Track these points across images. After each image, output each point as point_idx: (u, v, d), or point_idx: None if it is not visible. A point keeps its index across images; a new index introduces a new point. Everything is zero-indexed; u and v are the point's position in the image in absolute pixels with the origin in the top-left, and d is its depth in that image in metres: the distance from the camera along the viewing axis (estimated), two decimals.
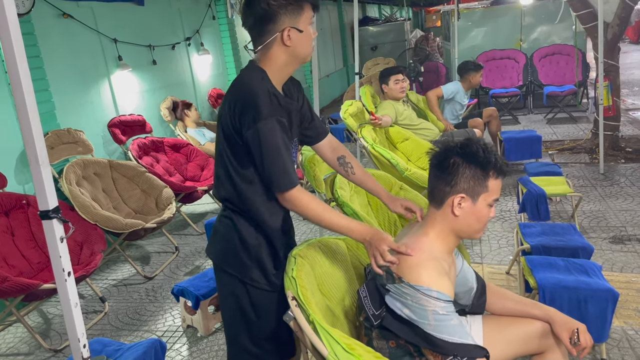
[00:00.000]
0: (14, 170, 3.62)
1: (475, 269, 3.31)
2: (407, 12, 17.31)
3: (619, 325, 2.61)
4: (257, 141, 1.53)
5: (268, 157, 1.54)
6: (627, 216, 3.89)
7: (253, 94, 1.55)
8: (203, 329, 2.92)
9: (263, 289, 1.70)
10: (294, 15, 1.58)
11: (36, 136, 1.45)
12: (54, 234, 1.53)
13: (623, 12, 5.01)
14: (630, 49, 14.96)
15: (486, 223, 1.59)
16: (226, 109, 1.60)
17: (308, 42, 1.63)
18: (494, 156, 1.53)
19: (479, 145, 1.54)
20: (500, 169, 1.54)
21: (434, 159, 1.61)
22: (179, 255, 4.14)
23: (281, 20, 1.57)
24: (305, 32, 1.61)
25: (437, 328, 1.43)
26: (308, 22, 1.61)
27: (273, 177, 1.57)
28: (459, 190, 1.53)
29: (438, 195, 1.57)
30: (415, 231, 1.66)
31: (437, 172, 1.58)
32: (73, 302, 1.60)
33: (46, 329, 3.24)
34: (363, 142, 3.83)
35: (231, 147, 1.62)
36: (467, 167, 1.52)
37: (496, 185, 1.55)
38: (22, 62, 1.39)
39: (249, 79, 1.60)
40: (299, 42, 1.61)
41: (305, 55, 1.65)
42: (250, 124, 1.52)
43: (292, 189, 1.59)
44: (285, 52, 1.62)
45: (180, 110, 5.44)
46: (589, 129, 6.18)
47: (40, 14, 3.91)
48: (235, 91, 1.61)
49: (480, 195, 1.53)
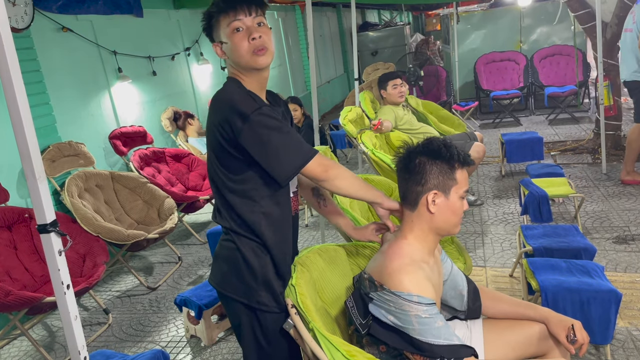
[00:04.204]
0: (16, 184, 3.64)
1: (478, 272, 3.32)
2: (407, 16, 17.34)
3: (623, 326, 2.59)
4: (256, 136, 1.47)
5: (272, 143, 1.48)
6: (631, 216, 3.87)
7: (234, 99, 1.52)
8: (206, 339, 2.92)
9: (273, 312, 1.63)
10: (216, 29, 1.58)
11: (32, 150, 1.45)
12: (52, 247, 1.53)
13: (621, 12, 5.00)
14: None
15: (461, 216, 1.61)
16: (213, 128, 1.54)
17: (234, 49, 1.54)
18: (455, 149, 1.57)
19: (439, 142, 1.58)
20: (464, 159, 1.57)
21: (399, 164, 1.63)
22: (182, 265, 4.14)
23: (213, 36, 1.60)
24: (228, 39, 1.54)
25: (422, 332, 1.43)
26: (228, 31, 1.54)
27: (289, 157, 1.50)
28: (431, 187, 1.55)
29: (411, 196, 1.59)
30: (393, 236, 1.67)
31: (405, 175, 1.60)
32: (73, 314, 1.59)
33: (50, 342, 3.24)
34: (363, 147, 3.83)
35: (225, 164, 1.57)
36: (433, 163, 1.55)
37: (463, 177, 1.58)
38: (16, 75, 1.39)
39: (225, 91, 1.58)
40: (228, 51, 1.57)
41: (243, 62, 1.55)
42: (241, 125, 1.47)
43: (315, 155, 1.53)
44: (230, 64, 1.62)
45: (183, 120, 5.46)
46: (590, 129, 6.17)
47: (40, 28, 3.94)
48: (216, 106, 1.57)
49: (452, 188, 1.56)
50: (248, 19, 1.52)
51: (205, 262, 4.13)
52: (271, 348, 1.67)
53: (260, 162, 1.51)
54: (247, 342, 1.69)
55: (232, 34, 1.53)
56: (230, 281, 1.64)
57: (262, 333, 1.66)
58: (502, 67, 8.14)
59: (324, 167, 1.55)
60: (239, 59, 1.55)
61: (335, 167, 1.58)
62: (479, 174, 5.39)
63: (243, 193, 1.58)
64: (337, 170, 1.58)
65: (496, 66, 8.16)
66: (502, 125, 7.45)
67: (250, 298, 1.62)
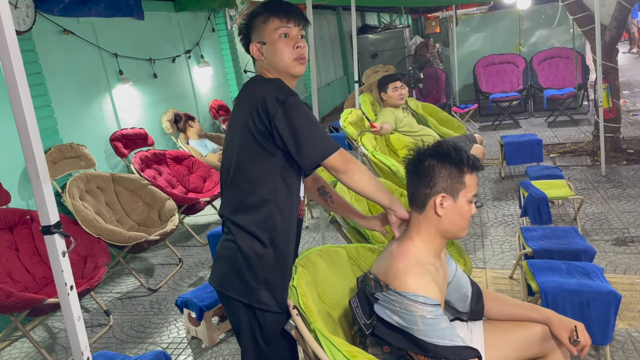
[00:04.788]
0: (17, 186, 3.65)
1: (478, 274, 3.33)
2: (407, 19, 17.38)
3: (623, 327, 2.60)
4: (289, 119, 1.52)
5: (303, 129, 1.53)
6: (630, 218, 3.88)
7: (270, 86, 1.59)
8: (207, 340, 2.93)
9: (273, 311, 1.64)
10: (258, 29, 1.64)
11: (36, 152, 1.46)
12: (55, 248, 1.54)
13: (620, 15, 5.03)
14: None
15: (469, 220, 1.61)
16: (243, 116, 1.58)
17: (277, 52, 1.62)
18: (465, 153, 1.58)
19: (449, 145, 1.59)
20: (474, 164, 1.58)
21: (409, 165, 1.64)
22: (183, 266, 4.15)
23: (251, 37, 1.67)
24: (270, 42, 1.62)
25: (427, 332, 1.44)
26: (272, 32, 1.62)
27: (317, 144, 1.55)
28: (439, 190, 1.56)
29: (419, 199, 1.60)
30: (400, 237, 1.68)
31: (414, 177, 1.61)
32: (76, 315, 1.60)
33: (52, 344, 3.25)
34: (363, 149, 3.85)
35: (249, 155, 1.60)
36: (443, 167, 1.56)
37: (472, 181, 1.58)
38: (21, 78, 1.41)
39: (259, 81, 1.65)
40: (268, 54, 1.64)
41: (281, 65, 1.63)
42: (277, 106, 1.52)
43: (339, 148, 1.59)
44: (262, 65, 1.68)
45: (184, 122, 5.47)
46: (590, 131, 6.19)
47: (42, 31, 3.96)
48: (249, 95, 1.62)
49: (460, 192, 1.56)
50: (295, 29, 1.63)
51: (206, 263, 4.14)
52: (269, 348, 1.68)
53: (288, 145, 1.55)
54: (245, 342, 1.71)
55: (278, 38, 1.62)
56: (231, 281, 1.66)
57: (261, 333, 1.67)
58: (502, 70, 8.16)
59: (345, 160, 1.60)
60: (280, 61, 1.63)
61: (356, 163, 1.63)
62: (478, 176, 5.39)
63: (260, 184, 1.61)
64: (357, 165, 1.63)
65: (495, 69, 8.19)
66: (502, 128, 7.46)
67: (250, 297, 1.63)
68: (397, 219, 1.72)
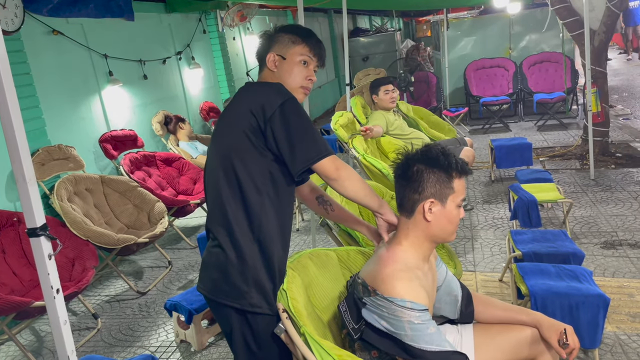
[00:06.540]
0: (4, 188, 3.61)
1: (468, 276, 3.34)
2: (398, 22, 17.44)
3: (611, 330, 2.62)
4: (285, 120, 1.55)
5: (299, 130, 1.56)
6: (618, 221, 3.91)
7: (271, 88, 1.64)
8: (196, 344, 2.91)
9: (265, 313, 1.63)
10: (283, 44, 1.71)
11: (22, 154, 1.44)
12: (42, 251, 1.52)
13: (609, 20, 5.07)
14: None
15: (457, 224, 1.61)
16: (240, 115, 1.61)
17: (292, 72, 1.70)
18: (454, 158, 1.58)
19: (437, 149, 1.59)
20: (462, 169, 1.57)
21: (397, 170, 1.64)
22: (172, 269, 4.12)
23: (273, 47, 1.73)
24: (289, 61, 1.70)
25: (414, 338, 1.43)
26: (296, 54, 1.71)
27: (309, 146, 1.57)
28: (428, 196, 1.56)
29: (408, 204, 1.60)
30: (388, 241, 1.68)
31: (402, 182, 1.61)
32: (62, 319, 1.58)
33: (38, 347, 3.21)
34: (354, 152, 3.85)
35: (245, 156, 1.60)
36: (431, 172, 1.56)
37: (461, 185, 1.58)
38: (7, 78, 1.39)
39: (262, 84, 1.70)
40: (282, 69, 1.71)
41: (289, 84, 1.69)
42: (275, 107, 1.56)
43: (331, 154, 1.60)
44: (270, 75, 1.73)
45: (174, 124, 5.44)
46: (579, 135, 6.23)
47: (30, 31, 3.92)
48: (251, 95, 1.65)
49: (448, 197, 1.56)
50: (314, 63, 1.76)
51: (195, 266, 4.12)
52: (262, 352, 1.67)
53: (280, 148, 1.58)
54: (237, 347, 1.69)
55: (298, 62, 1.72)
56: (220, 287, 1.64)
57: (253, 337, 1.66)
58: (492, 74, 8.21)
59: (337, 167, 1.61)
60: (290, 81, 1.71)
61: (347, 169, 1.64)
62: (468, 179, 5.42)
63: (257, 186, 1.61)
64: (349, 172, 1.64)
65: (486, 72, 8.24)
66: (492, 131, 7.51)
67: (242, 301, 1.62)
68: (384, 222, 1.72)
